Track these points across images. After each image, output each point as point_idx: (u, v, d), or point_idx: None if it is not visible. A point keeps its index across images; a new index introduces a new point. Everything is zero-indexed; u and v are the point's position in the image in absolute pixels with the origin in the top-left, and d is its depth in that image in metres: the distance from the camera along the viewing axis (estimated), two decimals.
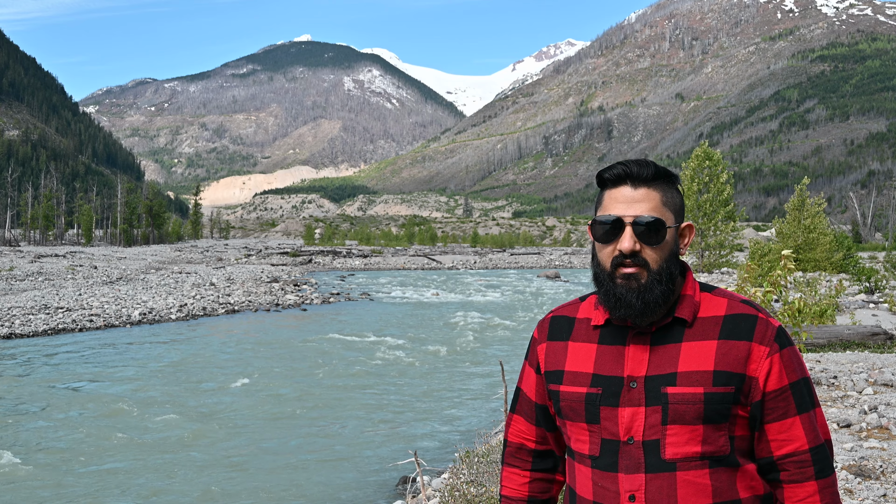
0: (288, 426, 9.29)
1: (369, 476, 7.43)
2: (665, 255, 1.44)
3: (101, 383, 11.63)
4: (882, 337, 10.17)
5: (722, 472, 1.41)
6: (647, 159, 1.48)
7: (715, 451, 1.41)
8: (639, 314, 1.43)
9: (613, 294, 1.44)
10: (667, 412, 1.40)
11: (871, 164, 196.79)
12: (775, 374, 1.42)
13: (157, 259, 46.98)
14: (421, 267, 55.64)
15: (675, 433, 1.40)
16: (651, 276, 1.43)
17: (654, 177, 1.46)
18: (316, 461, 7.92)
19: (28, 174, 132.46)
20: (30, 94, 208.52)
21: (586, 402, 1.47)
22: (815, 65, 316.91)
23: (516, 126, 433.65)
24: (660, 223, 1.43)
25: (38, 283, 26.35)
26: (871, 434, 5.73)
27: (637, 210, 1.43)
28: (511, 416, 1.69)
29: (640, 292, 1.42)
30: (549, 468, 1.66)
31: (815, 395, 1.46)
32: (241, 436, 8.81)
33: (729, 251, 34.75)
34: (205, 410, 10.00)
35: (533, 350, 1.63)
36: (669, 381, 1.41)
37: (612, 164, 1.49)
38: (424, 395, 11.21)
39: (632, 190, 1.45)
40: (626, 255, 1.43)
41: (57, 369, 12.63)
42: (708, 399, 1.39)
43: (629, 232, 1.43)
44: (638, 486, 1.41)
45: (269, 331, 18.37)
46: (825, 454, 1.44)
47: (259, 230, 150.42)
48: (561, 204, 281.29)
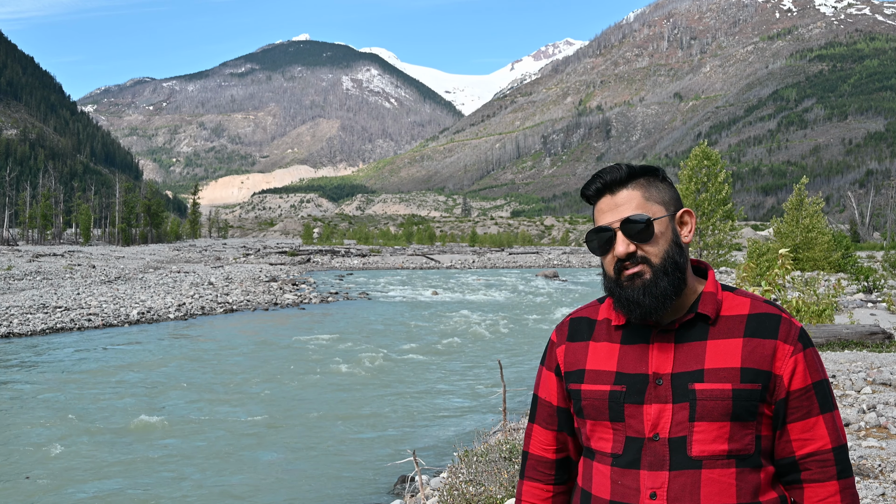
0: (286, 425, 9.28)
1: (368, 475, 7.42)
2: (664, 247, 1.45)
3: (100, 383, 11.61)
4: (880, 336, 10.18)
5: (747, 472, 1.41)
6: (619, 164, 1.50)
7: (741, 449, 1.41)
8: (651, 310, 1.43)
9: (623, 298, 1.46)
10: (694, 409, 1.40)
11: (870, 163, 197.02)
12: (800, 373, 1.42)
13: (156, 258, 46.95)
14: (419, 266, 55.61)
15: (703, 430, 1.40)
16: (655, 270, 1.44)
17: (629, 177, 1.48)
18: (314, 460, 7.91)
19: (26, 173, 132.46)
20: (28, 94, 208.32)
21: (610, 399, 1.47)
22: (813, 64, 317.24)
23: (515, 125, 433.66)
24: (642, 220, 1.44)
25: (36, 282, 26.31)
26: (870, 433, 5.73)
27: (621, 213, 1.45)
28: (531, 427, 1.67)
29: (646, 287, 1.43)
30: (569, 479, 1.65)
31: (834, 398, 1.47)
32: (239, 435, 8.80)
33: (727, 250, 34.74)
34: (202, 410, 9.99)
35: (551, 353, 1.62)
36: (697, 378, 1.41)
37: (590, 179, 1.52)
38: (423, 395, 11.20)
39: (611, 197, 1.48)
40: (625, 259, 1.45)
41: (55, 369, 12.61)
42: (736, 395, 1.40)
43: (620, 236, 1.45)
44: (661, 484, 1.40)
45: (268, 330, 18.35)
46: (846, 455, 1.44)
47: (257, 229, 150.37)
48: (559, 203, 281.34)
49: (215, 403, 10.35)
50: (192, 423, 9.32)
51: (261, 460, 7.88)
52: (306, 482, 7.22)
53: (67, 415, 9.58)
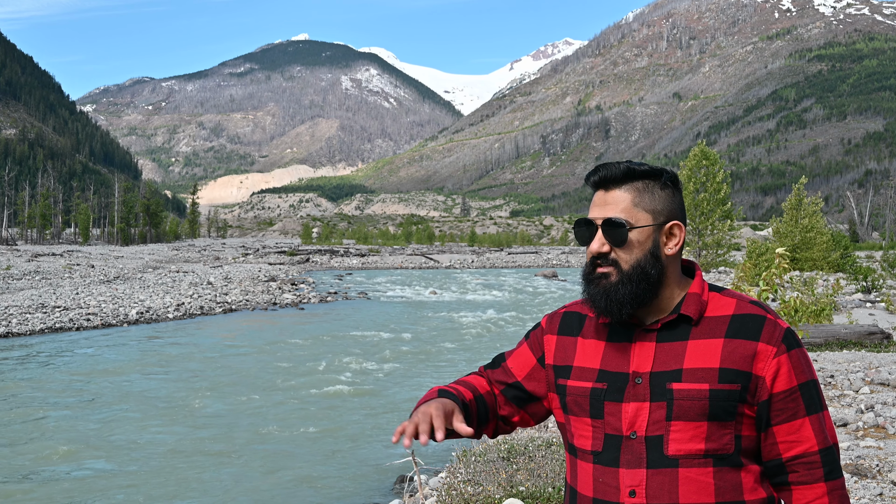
0: (285, 425, 9.28)
1: (366, 475, 7.43)
2: (637, 256, 1.44)
3: (99, 382, 11.61)
4: (879, 336, 10.19)
5: (726, 471, 1.41)
6: (622, 162, 1.48)
7: (718, 449, 1.41)
8: (604, 312, 1.45)
9: (587, 293, 1.49)
10: (671, 408, 1.41)
11: (868, 163, 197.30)
12: (784, 374, 1.42)
13: (155, 258, 46.94)
14: (418, 266, 55.59)
15: (679, 429, 1.41)
16: (620, 276, 1.44)
17: (625, 178, 1.47)
18: (313, 460, 7.92)
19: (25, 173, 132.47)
20: (27, 93, 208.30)
21: (591, 396, 1.48)
22: (812, 64, 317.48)
23: (514, 125, 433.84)
24: (622, 225, 1.43)
25: (35, 282, 26.30)
26: (868, 433, 5.74)
27: (606, 212, 1.46)
28: (481, 369, 1.70)
29: (606, 291, 1.44)
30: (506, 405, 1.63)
31: (822, 398, 1.46)
32: (238, 434, 8.80)
33: (726, 250, 34.78)
34: (201, 409, 9.99)
35: (538, 337, 1.63)
36: (675, 378, 1.42)
37: (592, 169, 1.51)
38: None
39: (604, 193, 1.48)
40: (597, 256, 1.46)
41: (54, 368, 12.61)
42: (713, 396, 1.40)
43: (598, 234, 1.46)
44: (639, 482, 1.41)
45: (267, 330, 18.35)
46: (834, 456, 1.44)
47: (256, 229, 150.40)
48: (558, 203, 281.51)
49: (214, 403, 10.35)
50: (190, 422, 9.32)
51: (260, 459, 7.88)
52: (305, 481, 7.22)
53: (64, 414, 9.58)
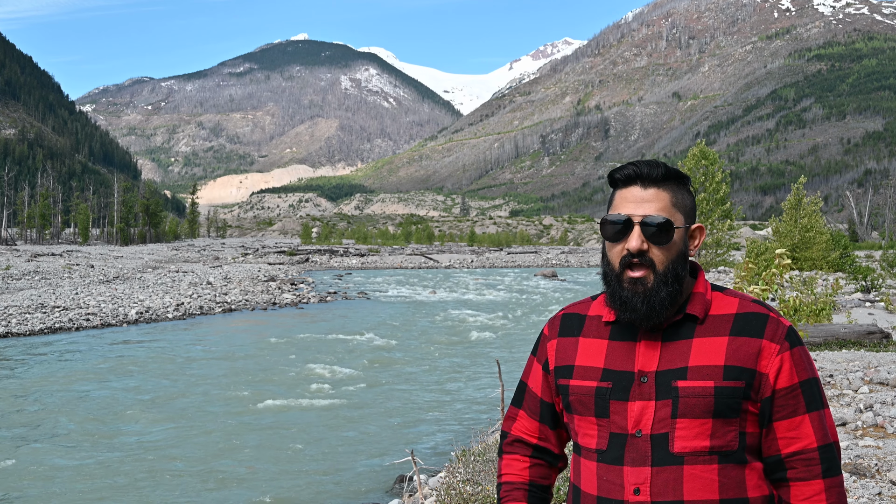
0: (284, 425, 9.28)
1: (366, 475, 7.44)
2: (672, 255, 1.46)
3: (98, 382, 11.62)
4: (878, 336, 10.19)
5: (730, 468, 1.42)
6: (658, 160, 1.50)
7: (723, 445, 1.42)
8: (644, 318, 1.45)
9: (620, 297, 1.47)
10: (677, 406, 1.42)
11: (868, 162, 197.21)
12: (786, 371, 1.43)
13: (154, 258, 46.94)
14: (418, 266, 55.60)
15: (685, 427, 1.41)
16: (657, 279, 1.45)
17: (665, 177, 1.48)
18: (312, 460, 7.92)
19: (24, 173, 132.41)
20: (26, 93, 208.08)
21: (596, 395, 1.48)
22: (811, 64, 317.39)
23: (513, 125, 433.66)
24: (668, 224, 1.44)
25: (34, 281, 26.31)
26: (867, 432, 5.74)
27: (646, 210, 1.45)
28: (514, 411, 1.68)
29: (646, 296, 1.44)
30: (548, 462, 1.66)
31: (824, 396, 1.47)
32: (238, 434, 8.81)
33: (725, 250, 34.78)
34: (201, 409, 10.00)
35: (542, 346, 1.63)
36: (680, 376, 1.42)
37: (624, 165, 1.51)
38: (421, 394, 11.21)
39: (642, 190, 1.47)
40: (634, 255, 1.45)
41: (53, 368, 12.61)
42: (718, 393, 1.40)
43: (637, 231, 1.45)
44: (643, 480, 1.42)
45: (266, 330, 18.35)
46: (833, 454, 1.45)
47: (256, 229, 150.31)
48: (558, 203, 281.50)
49: (213, 402, 10.36)
50: (189, 421, 9.32)
51: (259, 459, 7.89)
52: (305, 481, 7.23)
53: (63, 414, 9.58)
